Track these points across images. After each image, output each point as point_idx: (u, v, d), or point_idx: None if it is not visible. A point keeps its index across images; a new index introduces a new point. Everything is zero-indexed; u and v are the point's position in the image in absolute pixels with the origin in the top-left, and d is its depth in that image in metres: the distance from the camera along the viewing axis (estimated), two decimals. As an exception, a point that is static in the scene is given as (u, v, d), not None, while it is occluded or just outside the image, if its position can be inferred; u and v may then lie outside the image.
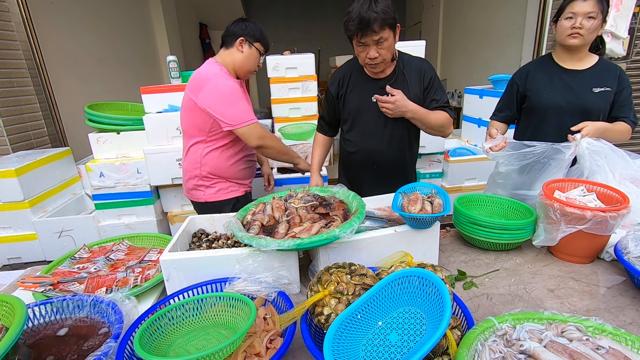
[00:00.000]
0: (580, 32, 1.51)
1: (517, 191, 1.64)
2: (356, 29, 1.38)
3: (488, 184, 1.84)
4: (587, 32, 1.51)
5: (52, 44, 3.55)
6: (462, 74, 5.92)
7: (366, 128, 1.65)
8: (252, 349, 0.91)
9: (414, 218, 1.20)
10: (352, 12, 1.39)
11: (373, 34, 1.38)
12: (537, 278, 1.25)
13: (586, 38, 1.53)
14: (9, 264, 2.72)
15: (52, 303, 1.05)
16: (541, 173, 1.56)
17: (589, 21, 1.49)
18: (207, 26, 7.90)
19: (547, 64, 1.67)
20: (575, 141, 1.49)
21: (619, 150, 1.46)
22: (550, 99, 1.63)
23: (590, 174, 1.46)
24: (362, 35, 1.39)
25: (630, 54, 3.41)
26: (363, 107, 1.62)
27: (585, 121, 1.53)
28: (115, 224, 2.77)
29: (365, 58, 1.47)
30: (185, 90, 1.75)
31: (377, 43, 1.42)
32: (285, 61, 3.08)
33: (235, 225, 1.24)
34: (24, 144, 3.12)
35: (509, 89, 1.79)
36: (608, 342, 0.77)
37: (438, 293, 0.79)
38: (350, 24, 1.39)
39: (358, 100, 1.61)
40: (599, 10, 1.47)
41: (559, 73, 1.64)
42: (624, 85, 1.58)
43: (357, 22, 1.36)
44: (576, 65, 1.61)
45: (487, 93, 3.33)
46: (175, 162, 2.62)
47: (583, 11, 1.48)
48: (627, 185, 1.41)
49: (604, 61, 1.62)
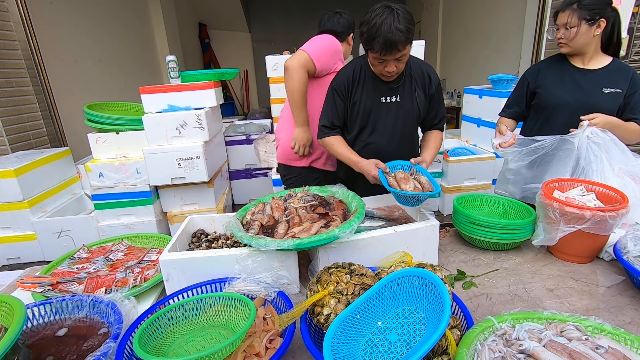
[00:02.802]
0: (562, 41, 1.58)
1: (528, 185, 1.65)
2: (381, 49, 1.34)
3: (498, 181, 1.84)
4: (571, 41, 1.55)
5: (51, 44, 3.54)
6: (462, 73, 5.93)
7: (376, 127, 1.64)
8: (252, 349, 0.91)
9: (409, 196, 1.26)
10: (373, 28, 1.32)
11: (396, 53, 1.36)
12: (537, 278, 1.25)
13: (572, 45, 1.56)
14: (8, 264, 2.72)
15: (52, 303, 1.05)
16: (551, 165, 1.57)
17: (568, 31, 1.54)
18: (207, 26, 7.89)
19: (559, 62, 1.68)
20: (582, 127, 1.48)
21: (622, 144, 1.46)
22: (560, 96, 1.63)
23: (586, 163, 1.47)
24: (386, 54, 1.36)
25: (629, 53, 3.41)
26: (373, 107, 1.61)
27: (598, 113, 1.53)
28: (114, 224, 2.77)
29: (382, 70, 1.45)
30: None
31: (397, 59, 1.40)
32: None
33: (234, 225, 1.23)
34: (23, 144, 3.12)
35: (520, 86, 1.79)
36: (607, 341, 0.77)
37: (437, 293, 0.79)
38: (374, 43, 1.34)
39: (368, 99, 1.59)
40: (577, 18, 1.50)
41: (570, 71, 1.64)
42: (636, 87, 1.57)
43: (382, 43, 1.32)
44: (588, 65, 1.62)
45: (486, 93, 3.33)
46: (175, 162, 2.62)
47: (562, 22, 1.55)
48: (625, 178, 1.41)
49: (618, 62, 1.62)
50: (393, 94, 1.58)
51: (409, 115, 1.62)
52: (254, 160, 3.51)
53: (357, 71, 1.58)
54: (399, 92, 1.58)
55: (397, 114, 1.61)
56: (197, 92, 2.74)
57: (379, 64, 1.44)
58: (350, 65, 1.63)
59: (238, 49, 8.28)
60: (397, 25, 1.30)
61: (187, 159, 2.63)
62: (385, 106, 1.59)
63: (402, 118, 1.62)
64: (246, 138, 3.59)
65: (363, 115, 1.62)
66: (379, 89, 1.58)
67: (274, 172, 3.01)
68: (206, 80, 2.86)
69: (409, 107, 1.60)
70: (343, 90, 1.60)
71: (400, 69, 1.47)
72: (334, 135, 1.66)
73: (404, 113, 1.61)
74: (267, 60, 3.06)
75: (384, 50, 1.34)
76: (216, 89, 2.88)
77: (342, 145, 1.63)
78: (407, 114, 1.61)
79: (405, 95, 1.59)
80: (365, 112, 1.61)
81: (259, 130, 3.70)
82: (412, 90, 1.59)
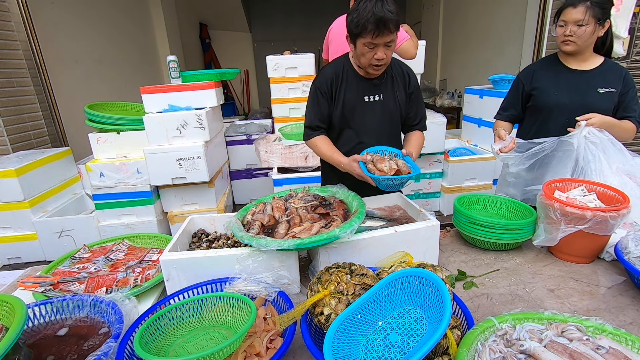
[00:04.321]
0: (571, 39, 1.54)
1: (529, 187, 1.65)
2: (373, 29, 1.34)
3: (499, 184, 1.85)
4: (579, 39, 1.53)
5: (52, 44, 3.55)
6: (462, 73, 5.92)
7: (362, 127, 1.65)
8: (252, 349, 0.91)
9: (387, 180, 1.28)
10: (364, 11, 1.34)
11: (387, 35, 1.36)
12: (537, 278, 1.25)
13: (580, 44, 1.54)
14: (9, 263, 2.73)
15: (52, 303, 1.05)
16: (551, 166, 1.58)
17: (579, 28, 1.50)
18: (207, 26, 7.89)
19: (553, 64, 1.68)
20: (580, 127, 1.49)
21: (619, 144, 1.47)
22: (556, 98, 1.63)
23: (584, 163, 1.47)
24: (378, 35, 1.35)
25: (630, 54, 3.41)
26: (357, 106, 1.61)
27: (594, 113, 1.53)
28: (115, 224, 2.77)
29: (372, 59, 1.44)
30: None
31: (387, 44, 1.40)
32: (285, 61, 3.09)
33: (235, 225, 1.23)
34: (24, 144, 3.13)
35: (515, 88, 1.79)
36: (608, 342, 0.77)
37: (438, 293, 0.79)
38: (367, 24, 1.34)
39: (352, 98, 1.60)
40: (591, 16, 1.48)
41: (564, 73, 1.64)
42: (629, 86, 1.58)
43: (374, 21, 1.32)
44: (581, 66, 1.62)
45: (487, 93, 3.33)
46: (175, 162, 2.63)
47: (572, 19, 1.51)
48: (623, 177, 1.42)
49: (610, 62, 1.63)
50: (376, 93, 1.59)
51: (393, 114, 1.64)
52: (255, 160, 3.51)
53: (339, 70, 1.58)
54: (382, 91, 1.60)
55: (382, 112, 1.62)
56: (197, 92, 2.74)
57: (369, 51, 1.42)
58: (332, 64, 1.63)
59: (239, 49, 8.28)
60: (387, 7, 1.33)
61: (188, 159, 2.63)
62: (369, 105, 1.60)
63: (386, 117, 1.63)
64: (247, 138, 3.59)
65: (348, 114, 1.62)
66: (362, 88, 1.59)
67: (274, 172, 3.02)
68: (207, 80, 2.86)
69: (392, 105, 1.62)
70: (326, 89, 1.59)
71: (389, 59, 1.47)
72: (318, 135, 1.63)
73: (388, 112, 1.62)
74: (268, 60, 3.07)
75: (377, 30, 1.34)
76: (217, 89, 2.88)
77: (326, 145, 1.60)
78: (391, 112, 1.63)
79: (388, 94, 1.60)
80: (350, 111, 1.61)
81: (259, 130, 3.70)
82: (394, 89, 1.61)
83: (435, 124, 3.00)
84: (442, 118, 3.08)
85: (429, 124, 2.96)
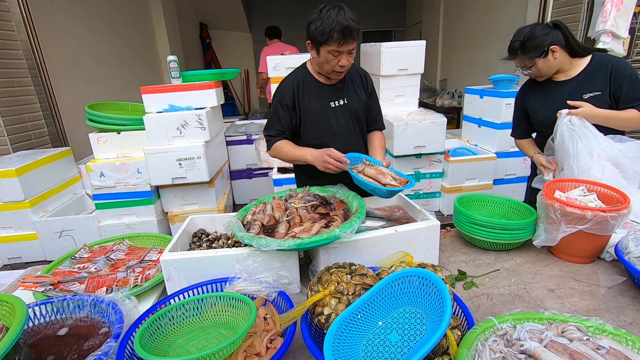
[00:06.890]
0: (533, 75, 1.65)
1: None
2: (340, 37, 1.38)
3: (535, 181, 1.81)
4: (540, 72, 1.59)
5: (52, 44, 3.55)
6: (463, 73, 5.92)
7: (326, 132, 1.65)
8: (253, 348, 0.91)
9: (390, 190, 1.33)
10: (328, 20, 1.37)
11: (351, 43, 1.41)
12: (538, 278, 1.25)
13: (545, 73, 1.60)
14: (9, 263, 2.73)
15: (53, 303, 1.05)
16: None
17: (532, 69, 1.59)
18: (208, 26, 7.90)
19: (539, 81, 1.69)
20: (561, 116, 1.51)
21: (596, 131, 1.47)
22: (545, 115, 1.66)
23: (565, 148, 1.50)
24: (344, 43, 1.40)
25: (630, 53, 3.40)
26: (324, 112, 1.63)
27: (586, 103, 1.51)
28: (115, 223, 2.77)
29: (336, 65, 1.47)
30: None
31: (350, 52, 1.45)
32: (285, 61, 3.09)
33: (235, 225, 1.24)
34: (25, 143, 3.13)
35: (516, 108, 1.85)
36: (608, 342, 0.77)
37: (438, 293, 0.79)
38: (333, 32, 1.37)
39: (316, 105, 1.62)
40: (529, 59, 1.56)
41: (551, 87, 1.66)
42: (622, 78, 1.51)
43: (339, 30, 1.36)
44: (567, 75, 1.62)
45: (487, 93, 3.33)
46: (176, 162, 2.63)
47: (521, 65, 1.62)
48: (603, 162, 1.43)
49: (596, 59, 1.58)
50: (340, 97, 1.63)
51: (359, 115, 1.68)
52: (255, 160, 3.51)
53: (300, 80, 1.61)
54: (345, 95, 1.63)
55: (348, 115, 1.65)
56: (198, 92, 2.74)
57: (333, 59, 1.45)
58: (291, 76, 1.64)
59: (239, 49, 8.29)
60: (350, 16, 1.39)
61: (188, 159, 2.63)
62: (335, 110, 1.63)
63: (353, 119, 1.67)
64: (247, 138, 3.59)
65: (314, 121, 1.63)
66: (326, 94, 1.62)
67: (274, 172, 3.02)
68: (207, 80, 2.86)
69: (356, 107, 1.66)
70: (289, 100, 1.59)
71: (350, 65, 1.51)
72: (280, 139, 1.62)
73: (354, 113, 1.66)
74: (268, 60, 3.07)
75: (343, 38, 1.38)
76: (217, 89, 2.88)
77: (289, 145, 1.61)
78: (357, 114, 1.67)
79: (350, 97, 1.64)
80: (316, 117, 1.62)
81: (259, 130, 3.70)
82: (356, 91, 1.66)
83: (436, 124, 2.99)
84: (442, 118, 3.07)
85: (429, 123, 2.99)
